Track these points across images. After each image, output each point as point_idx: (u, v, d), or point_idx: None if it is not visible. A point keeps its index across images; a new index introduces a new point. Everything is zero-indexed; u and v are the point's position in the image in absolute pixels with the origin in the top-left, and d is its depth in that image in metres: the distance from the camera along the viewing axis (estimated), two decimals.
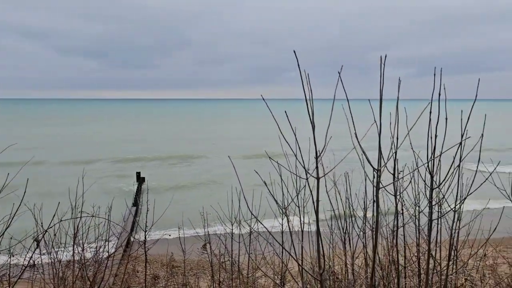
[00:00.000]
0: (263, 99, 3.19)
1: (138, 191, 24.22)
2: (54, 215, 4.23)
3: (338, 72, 2.90)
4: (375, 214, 3.35)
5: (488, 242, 4.78)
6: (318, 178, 2.96)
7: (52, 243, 5.16)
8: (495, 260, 5.70)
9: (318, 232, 2.81)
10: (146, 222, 6.91)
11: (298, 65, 2.88)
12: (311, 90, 2.99)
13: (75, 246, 4.97)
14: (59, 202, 4.54)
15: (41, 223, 4.79)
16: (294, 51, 2.87)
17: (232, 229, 6.41)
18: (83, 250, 5.20)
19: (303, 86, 2.87)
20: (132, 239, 13.34)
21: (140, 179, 27.07)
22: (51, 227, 4.08)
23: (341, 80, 2.90)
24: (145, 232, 6.92)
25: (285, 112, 2.92)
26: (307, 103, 2.86)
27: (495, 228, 4.05)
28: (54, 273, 4.97)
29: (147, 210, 5.87)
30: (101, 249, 5.30)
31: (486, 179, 3.52)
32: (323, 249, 2.85)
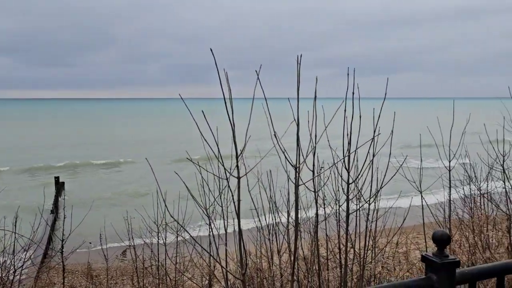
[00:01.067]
0: (181, 98, 3.11)
1: (57, 198, 22.62)
2: None
3: (256, 71, 2.91)
4: (296, 211, 3.42)
5: (400, 230, 5.13)
6: (238, 178, 2.95)
7: None
8: (408, 247, 6.15)
9: (240, 232, 2.80)
10: (63, 230, 6.46)
11: (216, 63, 2.84)
12: (230, 89, 2.97)
13: None
14: None
15: None
16: (211, 49, 2.83)
17: (158, 233, 6.22)
18: None
19: (221, 85, 2.83)
20: (49, 249, 12.44)
21: (59, 185, 25.28)
22: None
23: (258, 80, 2.91)
24: (62, 241, 6.46)
25: (202, 111, 2.86)
26: (226, 102, 2.83)
27: (405, 218, 4.34)
28: None
29: (64, 217, 5.48)
30: (8, 263, 4.84)
31: (396, 172, 3.75)
32: (245, 249, 2.84)
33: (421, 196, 4.81)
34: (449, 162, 4.83)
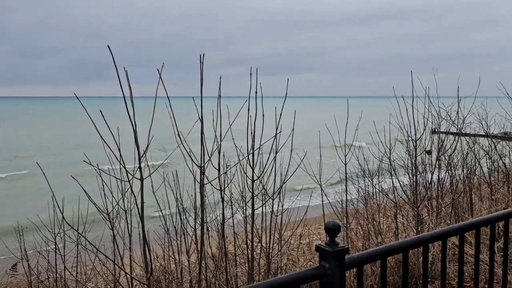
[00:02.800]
0: (77, 97, 2.91)
1: None
2: None
3: (158, 70, 2.84)
4: (202, 210, 3.42)
5: (304, 222, 5.41)
6: (142, 180, 2.86)
7: None
8: (311, 238, 6.51)
9: (144, 236, 2.72)
10: None
11: (114, 61, 2.71)
12: (130, 88, 2.86)
13: None
14: None
15: None
16: (108, 46, 2.70)
17: (55, 242, 5.74)
18: None
19: (120, 83, 2.71)
20: None
21: None
22: None
23: (161, 79, 2.85)
24: None
25: (101, 111, 2.71)
26: (126, 101, 2.72)
27: (306, 210, 4.60)
28: None
29: None
30: None
31: (298, 167, 3.94)
32: (150, 253, 2.76)
33: (321, 189, 5.12)
34: (345, 156, 5.21)
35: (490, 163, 6.82)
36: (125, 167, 2.86)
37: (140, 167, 2.84)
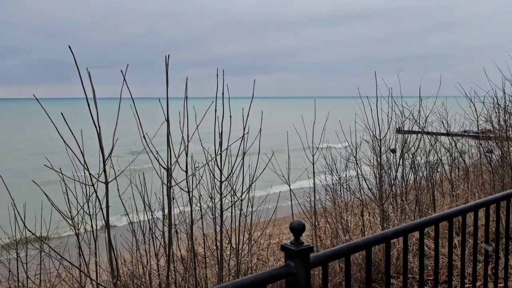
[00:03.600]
0: (36, 98, 2.81)
1: None
2: None
3: (121, 71, 2.78)
4: (170, 212, 3.38)
5: (273, 222, 5.45)
6: (106, 183, 2.80)
7: None
8: (280, 237, 6.55)
9: (109, 241, 2.66)
10: None
11: (75, 62, 2.64)
12: (93, 89, 2.80)
13: None
14: None
15: None
16: (69, 46, 2.62)
17: (16, 249, 5.53)
18: None
19: (82, 85, 2.65)
20: None
21: None
22: None
23: (125, 81, 2.80)
24: None
25: (61, 113, 2.64)
26: (89, 103, 2.66)
27: (275, 210, 4.63)
28: None
29: None
30: None
31: (266, 166, 3.96)
32: (115, 258, 2.70)
33: (290, 188, 5.17)
34: (313, 156, 5.28)
35: (451, 160, 7.09)
36: (88, 171, 2.79)
37: (105, 170, 2.78)
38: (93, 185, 2.84)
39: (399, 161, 5.73)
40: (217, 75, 3.53)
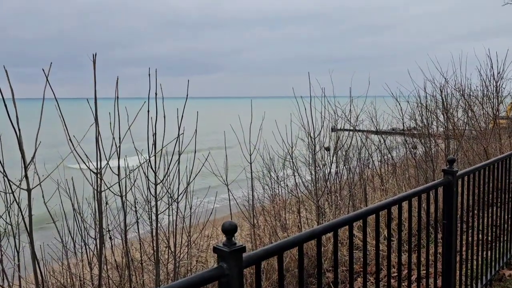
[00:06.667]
0: None
1: None
2: None
3: (43, 70, 2.61)
4: (100, 218, 3.23)
5: (212, 223, 5.40)
6: (29, 190, 2.61)
7: None
8: (219, 238, 6.53)
9: (33, 252, 2.48)
10: None
11: None
12: (12, 89, 2.60)
13: None
14: None
15: None
16: None
17: None
18: None
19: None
20: None
21: None
22: None
23: (47, 80, 2.63)
24: None
25: None
26: (5, 103, 2.46)
27: (212, 210, 4.61)
28: None
29: None
30: None
31: (202, 166, 3.92)
32: (40, 270, 2.53)
33: (228, 188, 5.17)
34: (250, 156, 5.32)
35: (381, 157, 7.50)
36: (7, 177, 2.58)
37: (26, 176, 2.59)
38: (13, 192, 2.64)
39: (333, 158, 5.94)
40: (149, 74, 3.44)
